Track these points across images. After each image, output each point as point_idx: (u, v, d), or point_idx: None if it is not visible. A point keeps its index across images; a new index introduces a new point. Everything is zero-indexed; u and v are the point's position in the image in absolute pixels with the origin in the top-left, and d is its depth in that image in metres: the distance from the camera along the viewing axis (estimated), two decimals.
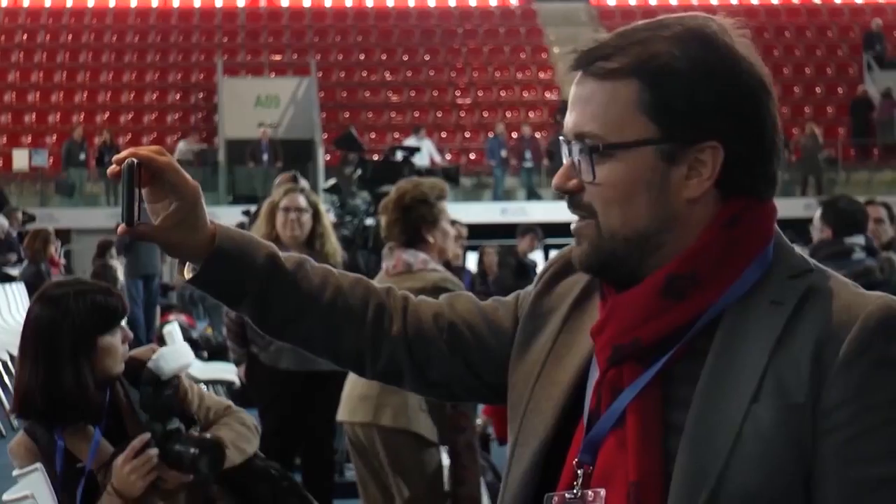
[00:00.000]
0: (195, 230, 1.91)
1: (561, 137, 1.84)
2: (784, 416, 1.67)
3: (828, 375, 1.67)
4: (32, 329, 3.61)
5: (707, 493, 1.67)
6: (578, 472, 1.77)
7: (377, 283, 2.08)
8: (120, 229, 1.87)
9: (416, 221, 5.30)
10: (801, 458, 1.67)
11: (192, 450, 3.53)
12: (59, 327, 3.54)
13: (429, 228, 5.31)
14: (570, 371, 1.87)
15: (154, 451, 3.53)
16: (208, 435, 3.61)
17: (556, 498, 1.78)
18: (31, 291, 13.40)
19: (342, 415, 5.55)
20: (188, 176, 1.90)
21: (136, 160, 1.85)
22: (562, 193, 1.82)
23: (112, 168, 1.87)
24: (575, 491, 1.76)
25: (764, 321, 1.72)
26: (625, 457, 1.73)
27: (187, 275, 1.95)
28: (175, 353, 3.76)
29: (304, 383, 6.49)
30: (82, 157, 26.74)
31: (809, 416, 1.67)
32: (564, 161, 1.82)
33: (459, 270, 6.49)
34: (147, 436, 3.55)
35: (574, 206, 1.81)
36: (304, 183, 8.90)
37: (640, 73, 1.75)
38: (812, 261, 1.80)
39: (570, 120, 1.80)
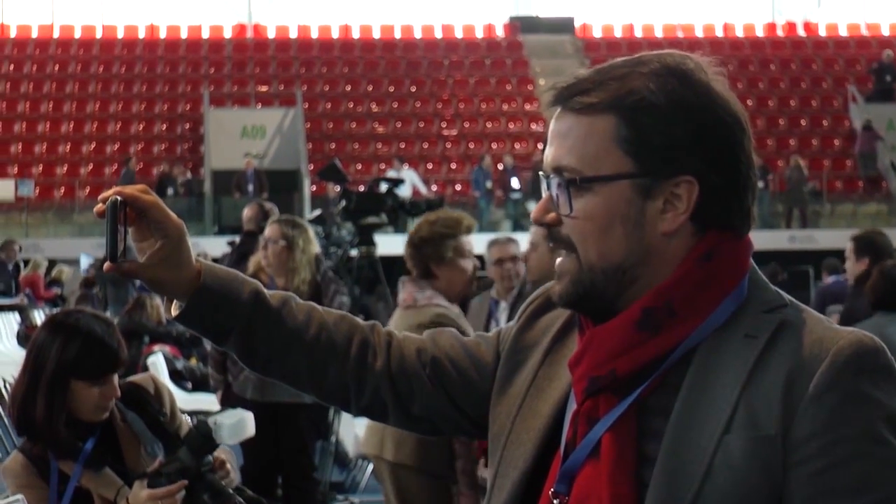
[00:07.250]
0: (180, 267, 1.93)
1: (540, 172, 1.87)
2: (755, 448, 1.69)
3: (798, 408, 1.69)
4: (30, 345, 3.62)
5: None
6: (554, 501, 1.79)
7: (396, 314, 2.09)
8: (106, 266, 1.89)
9: (425, 259, 5.54)
10: (771, 490, 1.69)
11: None
12: (46, 356, 3.54)
13: (436, 264, 5.53)
14: (550, 403, 1.90)
15: (182, 496, 3.39)
16: (231, 489, 3.45)
17: None
18: None
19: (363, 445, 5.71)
20: (173, 214, 1.92)
21: (119, 198, 1.87)
22: (539, 226, 1.85)
23: (98, 206, 1.89)
24: None
25: (737, 354, 1.74)
26: (599, 486, 1.74)
27: (174, 312, 1.97)
28: (237, 428, 3.62)
29: (268, 413, 6.68)
30: None
31: (780, 447, 1.69)
32: (543, 195, 1.85)
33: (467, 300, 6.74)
34: (184, 483, 3.38)
35: (554, 239, 1.84)
36: (269, 206, 9.15)
37: (617, 108, 1.78)
38: (787, 296, 1.82)
39: (548, 154, 1.83)
